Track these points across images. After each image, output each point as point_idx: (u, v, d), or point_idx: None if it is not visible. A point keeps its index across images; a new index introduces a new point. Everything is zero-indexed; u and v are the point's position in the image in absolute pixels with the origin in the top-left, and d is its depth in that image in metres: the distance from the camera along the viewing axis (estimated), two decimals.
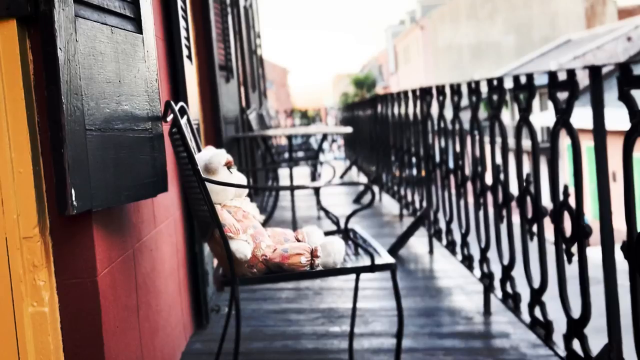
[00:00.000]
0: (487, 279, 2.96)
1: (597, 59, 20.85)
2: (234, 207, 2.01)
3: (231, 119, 4.90)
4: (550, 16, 33.60)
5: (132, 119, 1.76)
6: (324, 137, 5.67)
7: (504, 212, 2.70)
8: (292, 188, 3.77)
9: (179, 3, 2.76)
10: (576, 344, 2.06)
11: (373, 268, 1.95)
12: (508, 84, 2.59)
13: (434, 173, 4.09)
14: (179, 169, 2.39)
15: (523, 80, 2.34)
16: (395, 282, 1.97)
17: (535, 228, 2.32)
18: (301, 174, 8.71)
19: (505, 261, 2.70)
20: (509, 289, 2.69)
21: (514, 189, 2.55)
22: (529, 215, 2.36)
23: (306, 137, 8.31)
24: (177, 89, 2.68)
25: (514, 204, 2.56)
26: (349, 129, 5.80)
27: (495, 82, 2.65)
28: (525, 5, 33.71)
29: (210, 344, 2.67)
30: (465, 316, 2.96)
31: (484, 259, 3.00)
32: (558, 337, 2.21)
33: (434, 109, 4.01)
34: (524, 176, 2.39)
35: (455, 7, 34.30)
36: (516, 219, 2.53)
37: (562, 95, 2.05)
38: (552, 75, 2.13)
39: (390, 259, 1.97)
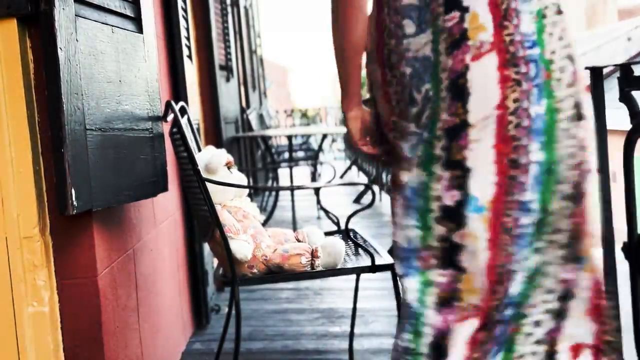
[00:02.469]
0: None
1: (597, 59, 20.82)
2: (234, 207, 2.01)
3: (231, 119, 4.90)
4: None
5: (132, 119, 1.76)
6: (324, 137, 5.66)
7: None
8: (292, 188, 3.77)
9: (180, 3, 2.76)
10: None
11: (373, 268, 1.95)
12: None
13: None
14: (179, 169, 2.39)
15: None
16: (396, 282, 1.96)
17: None
18: (301, 174, 8.71)
19: None
20: None
21: None
22: None
23: (306, 137, 8.31)
24: (178, 89, 2.68)
25: None
26: None
27: None
28: None
29: (210, 344, 2.67)
30: None
31: None
32: None
33: None
34: None
35: None
36: None
37: None
38: None
39: (390, 259, 1.97)
